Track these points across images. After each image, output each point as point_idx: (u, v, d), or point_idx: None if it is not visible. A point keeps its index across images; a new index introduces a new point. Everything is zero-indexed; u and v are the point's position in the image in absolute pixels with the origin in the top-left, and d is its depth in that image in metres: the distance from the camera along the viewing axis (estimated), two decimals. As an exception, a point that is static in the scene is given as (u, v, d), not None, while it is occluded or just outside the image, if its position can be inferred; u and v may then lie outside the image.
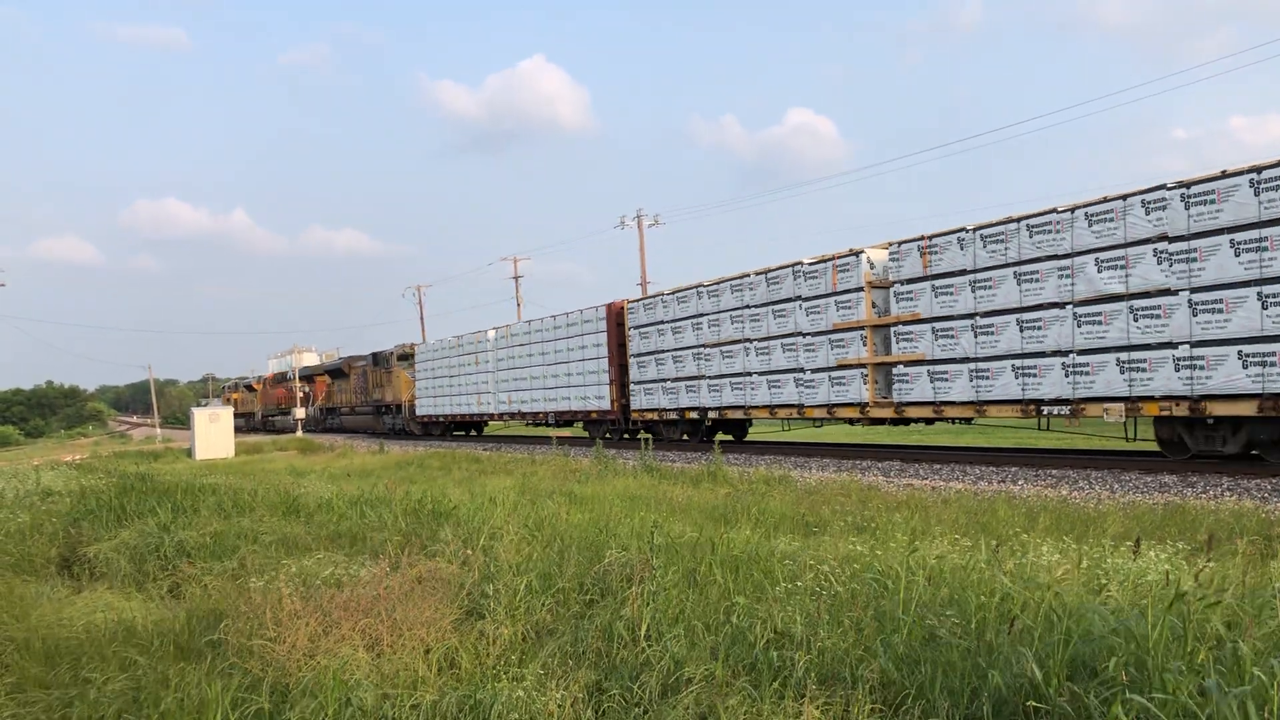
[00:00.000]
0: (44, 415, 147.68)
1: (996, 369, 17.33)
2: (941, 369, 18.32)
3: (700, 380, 25.50)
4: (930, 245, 18.53)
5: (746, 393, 23.70)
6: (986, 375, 17.50)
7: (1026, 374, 16.83)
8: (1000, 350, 17.23)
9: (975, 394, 17.71)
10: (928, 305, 18.59)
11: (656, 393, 27.54)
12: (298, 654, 5.77)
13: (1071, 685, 4.25)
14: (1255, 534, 8.86)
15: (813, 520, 10.70)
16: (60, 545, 12.00)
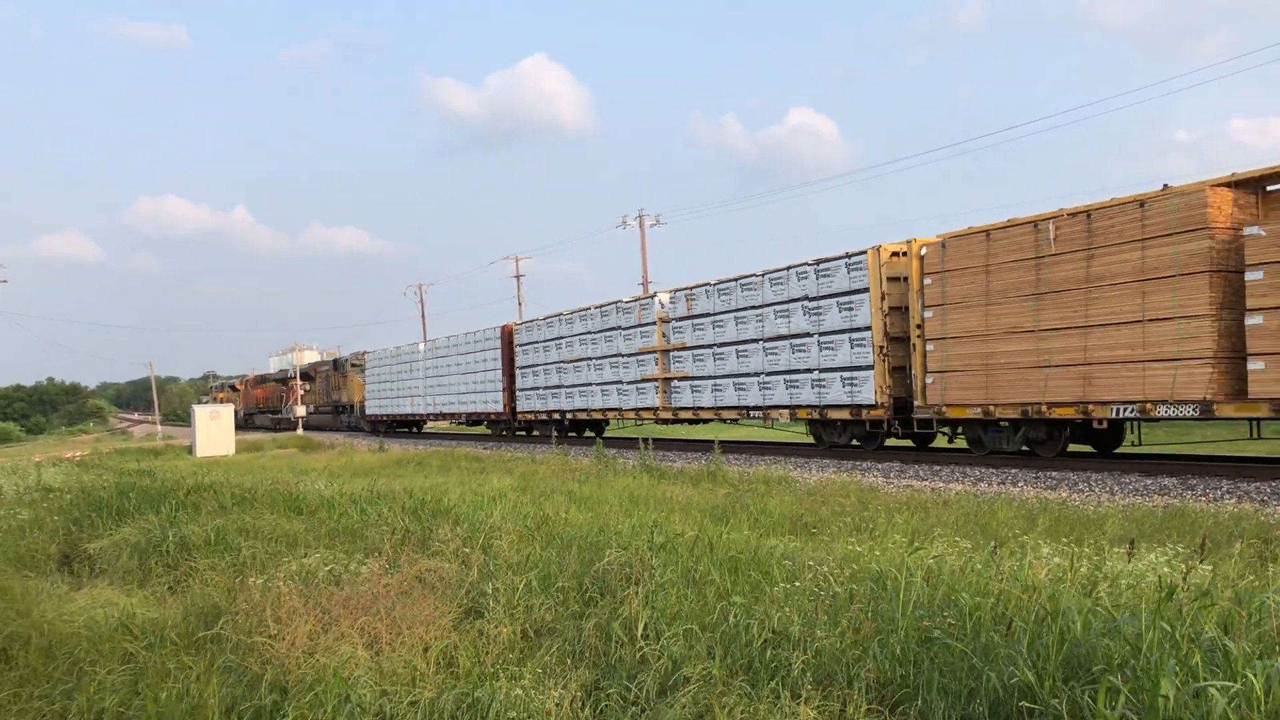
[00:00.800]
0: (45, 412, 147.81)
1: (724, 384, 24.43)
2: (696, 383, 25.53)
3: (561, 389, 32.49)
4: (691, 294, 25.80)
5: (590, 399, 30.70)
6: (720, 388, 24.58)
7: (739, 388, 23.86)
8: (726, 371, 24.33)
9: (714, 401, 24.85)
10: (689, 337, 25.84)
11: (534, 398, 34.41)
12: (297, 651, 5.79)
13: (1065, 687, 4.26)
14: (1254, 537, 8.87)
15: (812, 521, 10.71)
16: (61, 542, 12.02)
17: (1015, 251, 16.96)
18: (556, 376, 32.69)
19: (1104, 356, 15.59)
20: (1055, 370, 16.37)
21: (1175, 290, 14.57)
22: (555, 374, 32.78)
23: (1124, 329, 15.32)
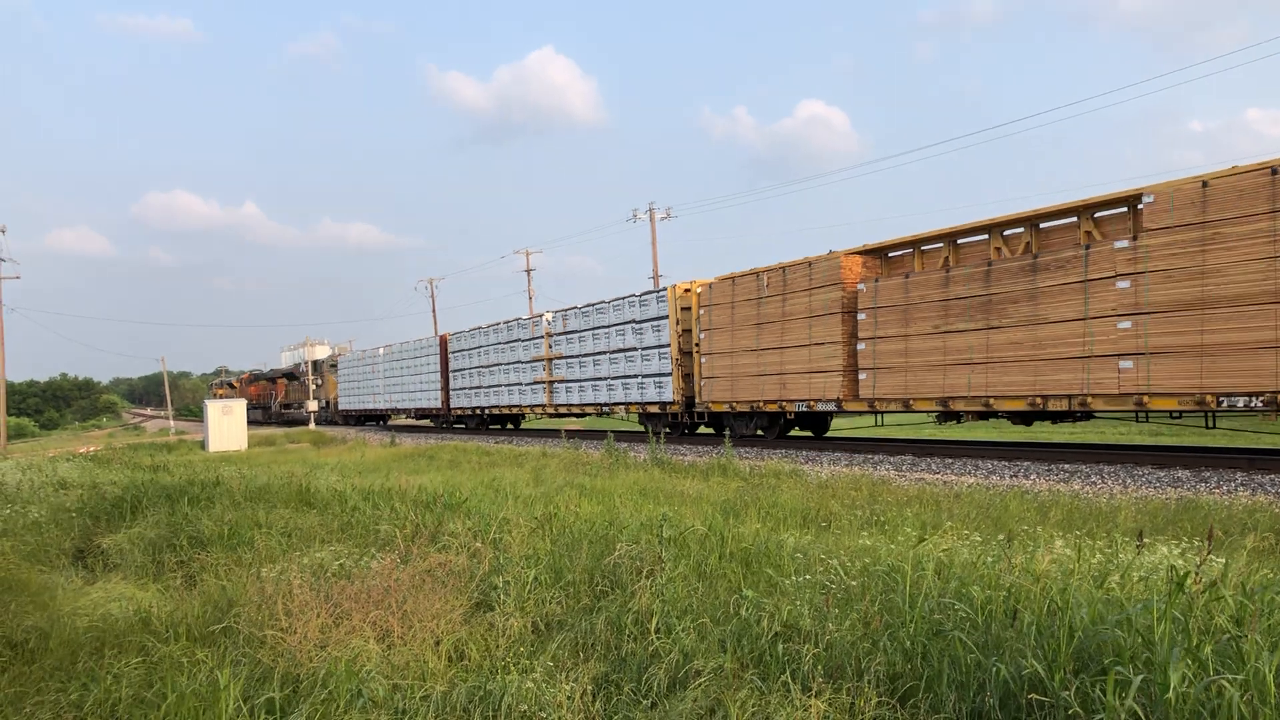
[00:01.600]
0: (58, 407, 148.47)
1: (587, 386, 30.76)
2: (569, 385, 31.98)
3: (481, 389, 39.11)
4: (566, 314, 32.26)
5: (501, 398, 37.25)
6: (585, 390, 30.93)
7: (596, 389, 30.29)
8: (588, 375, 30.77)
9: (580, 399, 31.23)
10: (564, 349, 32.30)
11: (463, 396, 41.06)
12: (309, 645, 5.81)
13: (1075, 679, 4.25)
14: (1268, 530, 8.83)
15: (823, 514, 10.70)
16: (75, 536, 12.09)
17: (747, 293, 23.84)
18: (478, 379, 39.45)
19: (791, 369, 22.30)
20: (767, 378, 23.15)
21: (825, 324, 21.23)
22: (477, 376, 39.58)
23: (801, 350, 21.95)
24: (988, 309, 17.71)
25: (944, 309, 18.50)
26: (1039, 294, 16.78)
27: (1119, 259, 15.49)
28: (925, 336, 18.87)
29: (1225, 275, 14.07)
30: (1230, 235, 14.04)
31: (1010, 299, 17.30)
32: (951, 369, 18.34)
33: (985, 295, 17.75)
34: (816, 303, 21.39)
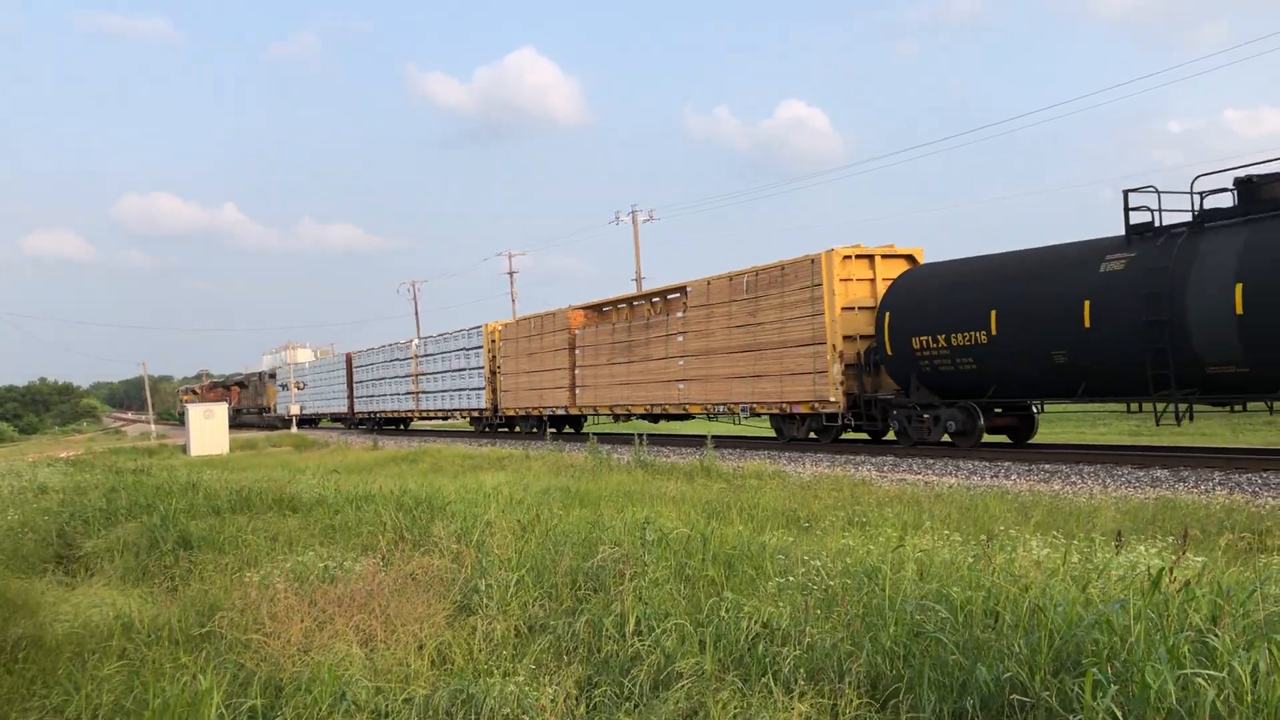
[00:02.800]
0: (38, 412, 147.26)
1: (439, 396, 42.47)
2: (428, 395, 43.56)
3: (374, 397, 51.16)
4: (425, 341, 44.45)
5: (386, 404, 49.27)
6: (438, 398, 42.66)
7: (443, 398, 41.95)
8: (440, 388, 42.46)
9: (435, 405, 43.08)
10: (426, 367, 44.00)
11: (362, 403, 53.60)
12: (292, 649, 5.80)
13: (1055, 679, 4.29)
14: (1245, 529, 8.91)
15: (805, 515, 10.73)
16: (55, 542, 12.03)
17: (523, 332, 35.83)
18: (373, 389, 51.43)
19: (544, 385, 33.75)
20: (533, 391, 34.68)
21: (558, 357, 32.68)
22: (372, 387, 51.54)
23: (549, 373, 33.41)
24: (629, 350, 28.75)
25: (612, 348, 29.70)
26: (651, 341, 27.69)
27: (677, 323, 26.44)
28: (606, 365, 30.01)
29: (715, 336, 24.82)
30: (718, 313, 24.71)
31: (639, 344, 28.23)
32: (616, 387, 29.43)
33: (628, 341, 28.94)
34: (557, 341, 32.90)
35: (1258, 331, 13.75)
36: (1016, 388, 17.82)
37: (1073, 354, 16.09)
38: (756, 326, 23.29)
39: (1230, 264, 14.04)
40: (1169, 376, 14.84)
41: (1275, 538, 8.49)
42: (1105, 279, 15.58)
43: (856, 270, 21.43)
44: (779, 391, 22.66)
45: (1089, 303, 15.70)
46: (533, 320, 34.93)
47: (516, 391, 35.80)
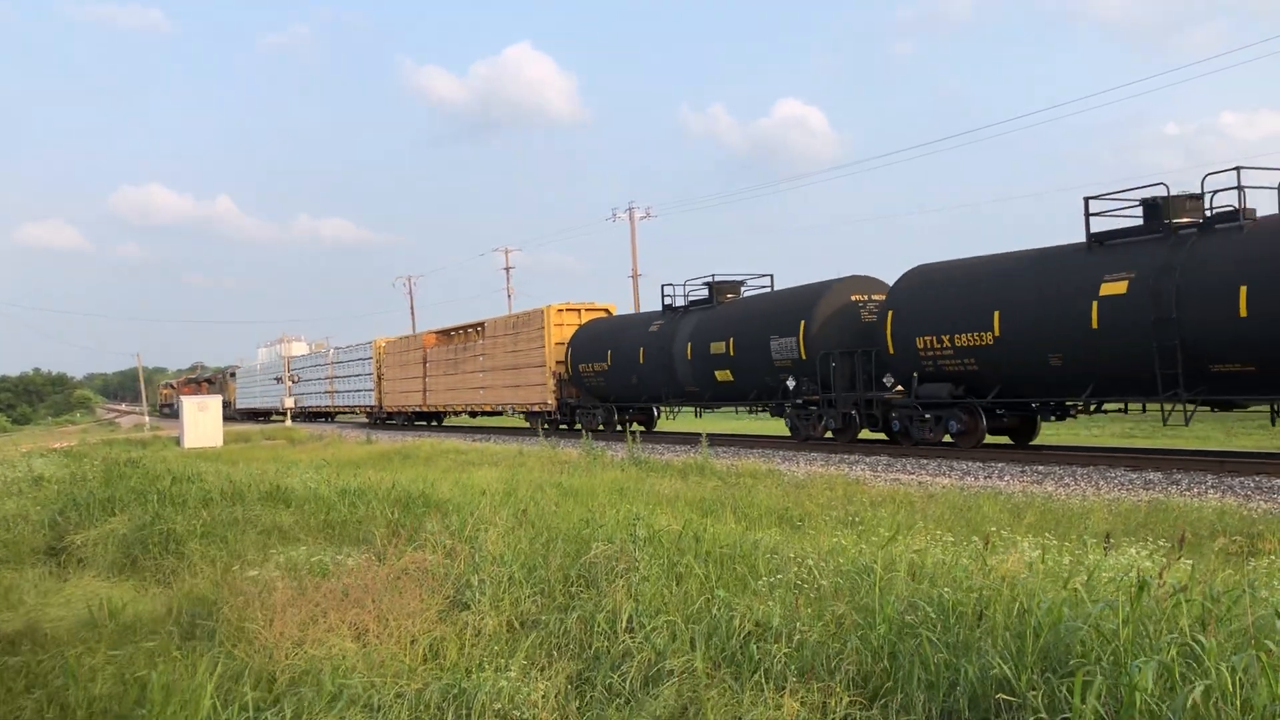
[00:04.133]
0: (31, 402, 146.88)
1: (347, 395, 55.82)
2: (340, 394, 57.10)
3: (306, 394, 63.44)
4: (339, 349, 58.84)
5: (311, 400, 62.69)
6: (345, 396, 56.29)
7: (349, 396, 55.53)
8: (347, 389, 55.72)
9: (342, 402, 57.37)
10: (338, 371, 57.12)
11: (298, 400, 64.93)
12: (286, 643, 5.81)
13: (1043, 680, 4.31)
14: (1237, 532, 8.93)
15: (798, 514, 10.75)
16: (47, 533, 12.01)
17: (396, 349, 48.09)
18: (305, 387, 64.10)
19: (407, 389, 45.86)
20: (403, 394, 46.48)
21: (416, 367, 44.53)
22: (305, 385, 64.13)
23: (413, 379, 44.75)
24: (456, 365, 40.70)
25: (447, 364, 41.58)
26: (468, 360, 39.48)
27: (480, 348, 38.36)
28: (444, 376, 42.04)
29: (497, 358, 36.40)
30: (500, 342, 36.30)
31: (462, 361, 40.10)
32: (448, 391, 41.53)
33: (456, 359, 40.85)
34: (416, 356, 44.79)
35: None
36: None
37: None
38: (516, 353, 35.48)
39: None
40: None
41: (1267, 542, 8.52)
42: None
43: (567, 319, 33.29)
44: (527, 396, 34.79)
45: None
46: (401, 340, 48.64)
47: (393, 393, 48.23)
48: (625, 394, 29.63)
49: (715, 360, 24.94)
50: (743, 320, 24.45)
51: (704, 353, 25.28)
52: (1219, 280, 14.30)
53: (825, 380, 21.70)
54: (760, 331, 23.27)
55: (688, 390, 26.57)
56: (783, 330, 22.55)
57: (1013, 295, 17.29)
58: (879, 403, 20.76)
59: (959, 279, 18.88)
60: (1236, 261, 14.26)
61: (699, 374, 25.76)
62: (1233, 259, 14.37)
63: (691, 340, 25.77)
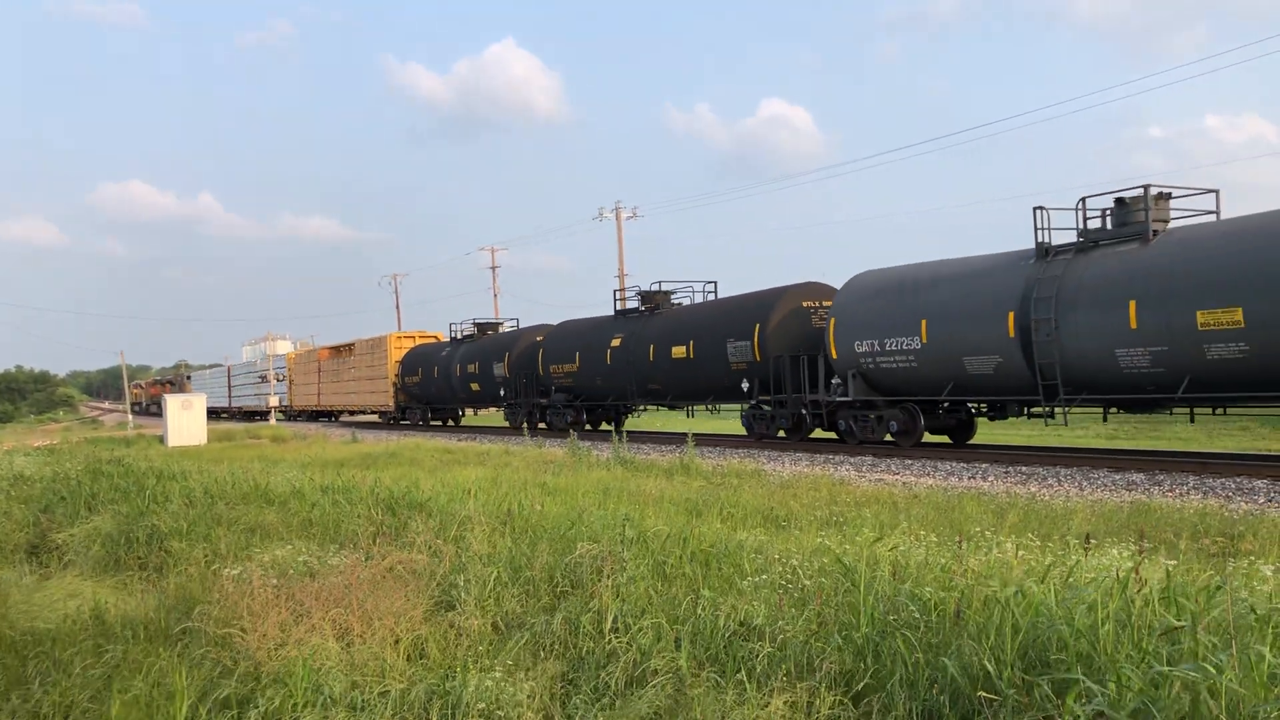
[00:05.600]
0: (13, 400, 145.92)
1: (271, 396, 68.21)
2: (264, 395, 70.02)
3: (242, 395, 78.12)
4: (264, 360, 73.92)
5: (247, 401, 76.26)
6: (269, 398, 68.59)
7: (269, 398, 68.68)
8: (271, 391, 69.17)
9: (269, 403, 67.93)
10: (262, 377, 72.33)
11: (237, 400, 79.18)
12: (268, 643, 5.80)
13: (1023, 676, 4.34)
14: (1218, 533, 8.99)
15: (783, 514, 10.78)
16: (29, 531, 11.94)
17: (303, 361, 61.13)
18: (241, 389, 77.93)
19: (308, 392, 58.95)
20: (308, 395, 58.91)
21: (313, 374, 57.72)
22: (240, 389, 77.99)
23: (312, 385, 58.07)
24: (338, 375, 52.99)
25: (333, 373, 53.51)
26: (345, 370, 51.72)
27: (350, 362, 51.02)
28: (331, 383, 54.08)
29: (359, 370, 49.64)
30: (361, 359, 49.82)
31: (342, 371, 52.23)
32: (333, 395, 54.05)
33: (337, 369, 52.98)
34: (313, 366, 56.77)
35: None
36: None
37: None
38: (371, 367, 48.42)
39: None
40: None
41: (1247, 542, 8.58)
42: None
43: (406, 344, 46.58)
44: (376, 400, 48.13)
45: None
46: (306, 353, 61.68)
47: (300, 396, 60.53)
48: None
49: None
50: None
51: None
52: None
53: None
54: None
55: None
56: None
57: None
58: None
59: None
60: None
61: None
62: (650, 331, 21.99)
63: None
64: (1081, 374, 16.25)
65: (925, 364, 18.82)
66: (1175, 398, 15.27)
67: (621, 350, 28.79)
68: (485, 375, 36.87)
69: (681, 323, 26.94)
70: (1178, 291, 14.72)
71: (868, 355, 20.02)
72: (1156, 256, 15.34)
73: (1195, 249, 14.97)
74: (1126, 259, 15.75)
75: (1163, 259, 15.22)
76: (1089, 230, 16.65)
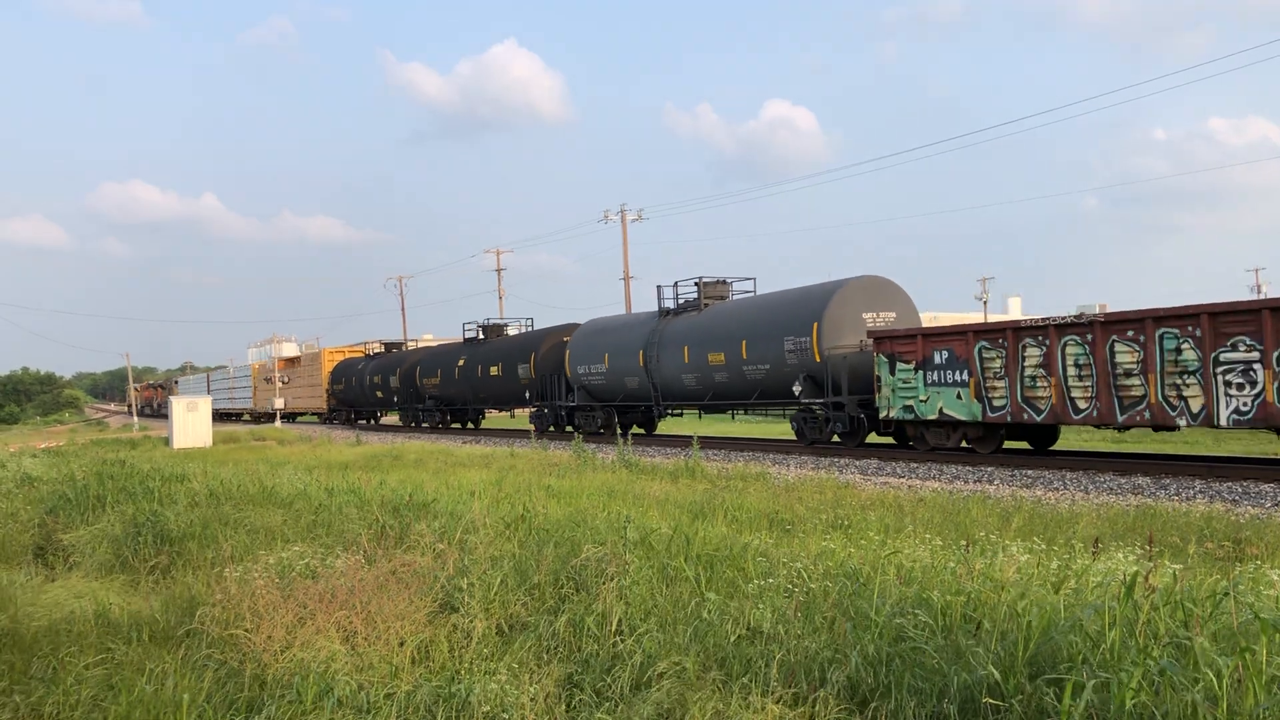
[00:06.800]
0: (19, 402, 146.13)
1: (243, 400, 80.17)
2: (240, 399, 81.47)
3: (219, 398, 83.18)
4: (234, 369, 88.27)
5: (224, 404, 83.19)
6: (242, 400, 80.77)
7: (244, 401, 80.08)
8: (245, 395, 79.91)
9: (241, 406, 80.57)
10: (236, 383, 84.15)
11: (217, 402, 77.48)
12: (274, 645, 5.80)
13: (1031, 684, 4.32)
14: (1225, 538, 8.97)
15: (788, 517, 10.76)
16: (35, 533, 11.96)
17: (264, 370, 72.31)
18: (217, 394, 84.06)
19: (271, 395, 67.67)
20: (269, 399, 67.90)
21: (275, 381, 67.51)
22: (216, 392, 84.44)
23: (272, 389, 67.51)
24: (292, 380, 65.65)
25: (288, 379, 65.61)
26: (298, 377, 65.14)
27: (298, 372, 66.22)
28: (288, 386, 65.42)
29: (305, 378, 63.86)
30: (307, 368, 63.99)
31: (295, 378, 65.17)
32: (289, 399, 64.75)
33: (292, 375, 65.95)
34: (271, 374, 67.45)
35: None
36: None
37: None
38: (310, 375, 60.82)
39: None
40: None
41: (1254, 546, 8.56)
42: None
43: (337, 358, 58.33)
44: (315, 404, 58.78)
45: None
46: (265, 364, 71.85)
47: (261, 400, 70.41)
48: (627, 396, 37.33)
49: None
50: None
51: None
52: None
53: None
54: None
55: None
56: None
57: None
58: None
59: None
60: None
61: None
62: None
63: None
64: (667, 389, 27.43)
65: (609, 381, 29.87)
66: (704, 403, 26.77)
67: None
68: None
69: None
70: (703, 342, 25.47)
71: (584, 375, 30.84)
72: (701, 320, 26.40)
73: (715, 317, 25.83)
74: (689, 321, 26.79)
75: (703, 321, 26.20)
76: (676, 305, 28.13)
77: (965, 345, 18.20)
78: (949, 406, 18.52)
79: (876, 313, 22.12)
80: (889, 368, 19.70)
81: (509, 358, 35.37)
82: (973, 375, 17.95)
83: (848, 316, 21.84)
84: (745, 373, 23.98)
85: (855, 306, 22.02)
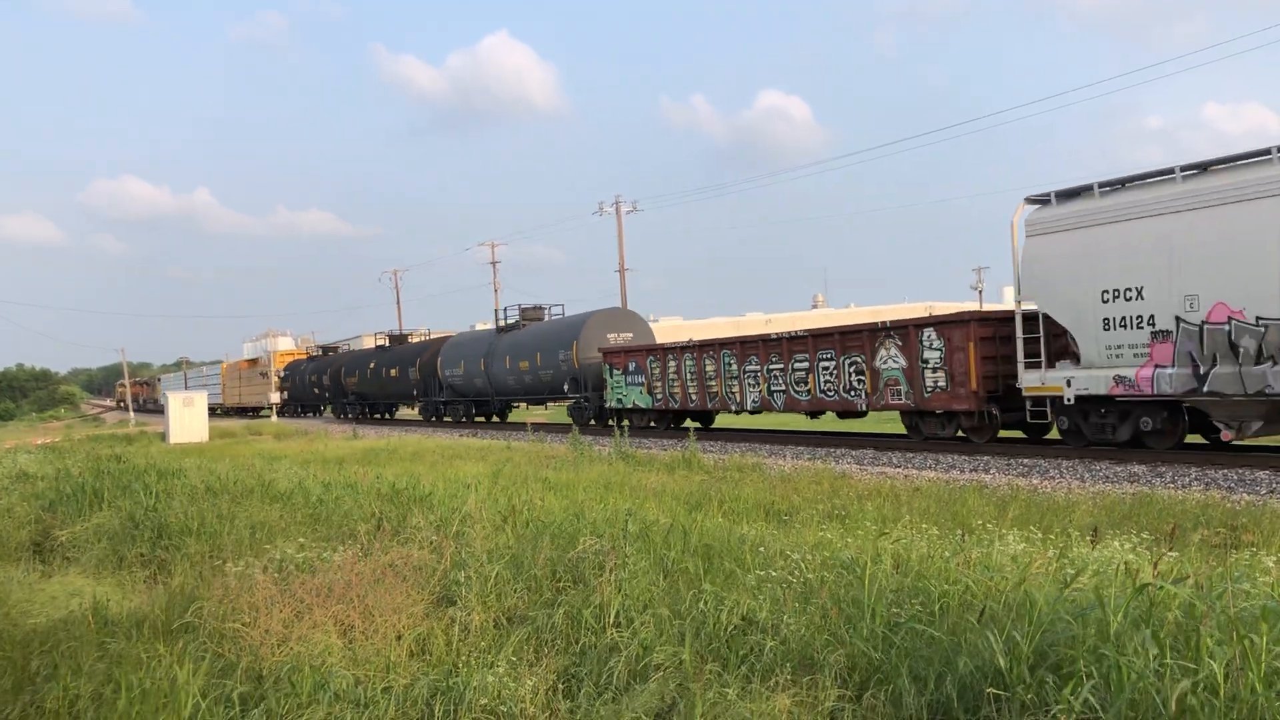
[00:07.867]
0: (14, 398, 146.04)
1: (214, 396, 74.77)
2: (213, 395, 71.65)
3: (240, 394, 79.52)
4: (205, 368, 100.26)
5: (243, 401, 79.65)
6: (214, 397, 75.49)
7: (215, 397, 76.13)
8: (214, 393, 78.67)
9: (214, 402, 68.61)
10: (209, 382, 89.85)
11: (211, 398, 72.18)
12: (271, 639, 5.79)
13: (1032, 673, 4.32)
14: (1220, 525, 8.99)
15: (784, 508, 10.76)
16: (32, 529, 11.93)
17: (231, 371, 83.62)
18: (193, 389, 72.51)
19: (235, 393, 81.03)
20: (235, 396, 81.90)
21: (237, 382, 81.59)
22: (193, 388, 77.13)
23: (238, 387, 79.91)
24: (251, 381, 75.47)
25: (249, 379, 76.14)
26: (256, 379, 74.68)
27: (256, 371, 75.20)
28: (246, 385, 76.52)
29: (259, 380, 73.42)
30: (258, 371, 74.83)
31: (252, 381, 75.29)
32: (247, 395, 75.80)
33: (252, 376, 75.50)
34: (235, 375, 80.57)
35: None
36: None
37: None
38: (264, 375, 70.01)
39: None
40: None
41: (1250, 534, 8.58)
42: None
43: (287, 359, 70.44)
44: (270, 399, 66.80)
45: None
46: (232, 365, 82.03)
47: (227, 397, 79.06)
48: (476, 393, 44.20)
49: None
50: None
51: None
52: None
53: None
54: None
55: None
56: None
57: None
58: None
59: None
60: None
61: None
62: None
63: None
64: (499, 388, 36.14)
65: (464, 381, 38.42)
66: (521, 398, 36.26)
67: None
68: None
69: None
70: (518, 354, 34.45)
71: (449, 376, 39.44)
72: (519, 337, 35.21)
73: (527, 335, 34.78)
74: (512, 338, 35.58)
75: (521, 338, 34.98)
76: (507, 324, 37.44)
77: (642, 359, 27.22)
78: (637, 399, 27.70)
79: (618, 334, 31.89)
80: (609, 373, 28.85)
81: (403, 362, 44.20)
82: (646, 378, 27.11)
83: (595, 337, 31.25)
84: (540, 376, 33.34)
85: (601, 329, 31.71)
